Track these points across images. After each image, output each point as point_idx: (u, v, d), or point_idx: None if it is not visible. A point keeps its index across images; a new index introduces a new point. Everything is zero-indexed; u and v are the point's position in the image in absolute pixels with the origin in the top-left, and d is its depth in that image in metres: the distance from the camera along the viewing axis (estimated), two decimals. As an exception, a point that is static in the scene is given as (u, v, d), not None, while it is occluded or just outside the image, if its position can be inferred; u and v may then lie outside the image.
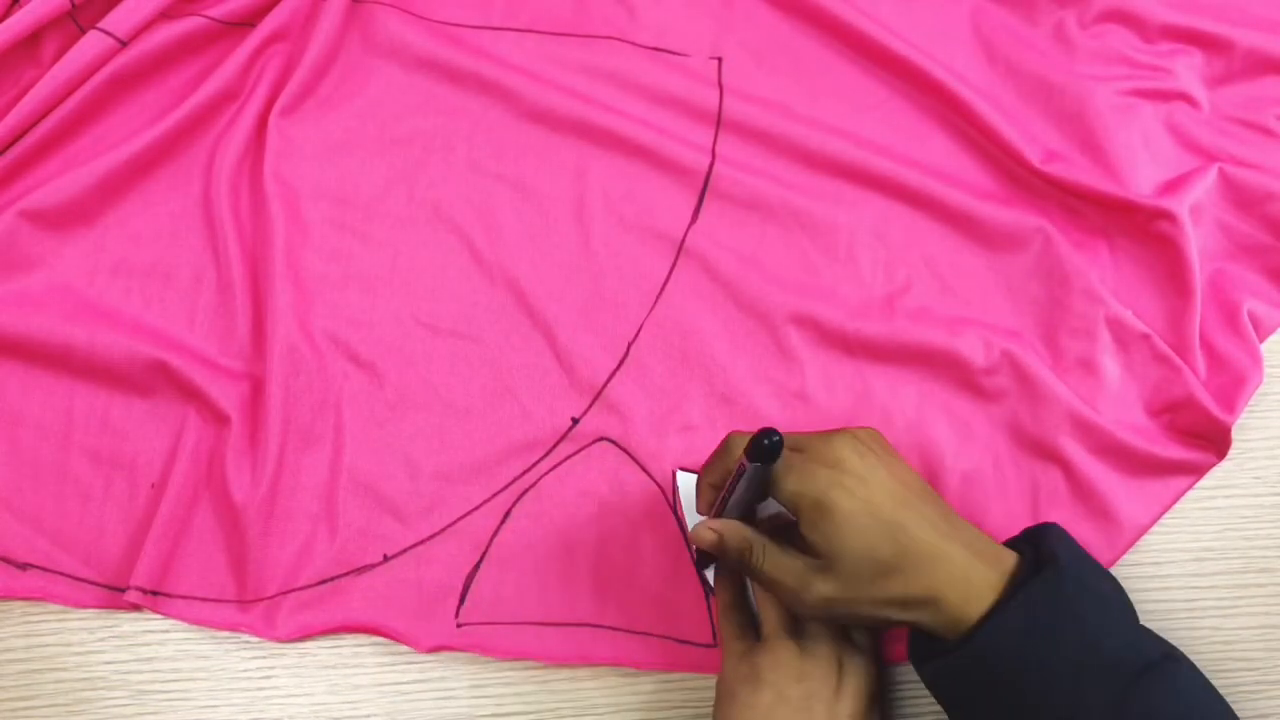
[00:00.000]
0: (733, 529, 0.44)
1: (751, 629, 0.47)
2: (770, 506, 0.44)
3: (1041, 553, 0.42)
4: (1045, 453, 0.52)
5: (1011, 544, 0.44)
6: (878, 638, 0.48)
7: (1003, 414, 0.52)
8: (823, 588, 0.41)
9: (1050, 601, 0.39)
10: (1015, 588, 0.40)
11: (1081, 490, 0.51)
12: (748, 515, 0.45)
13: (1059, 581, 0.40)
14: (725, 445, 0.45)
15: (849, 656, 0.45)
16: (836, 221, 0.54)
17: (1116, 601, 0.42)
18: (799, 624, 0.46)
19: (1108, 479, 0.52)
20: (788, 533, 0.44)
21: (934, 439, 0.52)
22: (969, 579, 0.40)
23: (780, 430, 0.40)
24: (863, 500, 0.41)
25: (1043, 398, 0.51)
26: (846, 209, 0.54)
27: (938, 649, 0.42)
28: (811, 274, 0.54)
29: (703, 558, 0.49)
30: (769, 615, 0.46)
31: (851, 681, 0.44)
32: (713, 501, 0.45)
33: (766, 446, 0.39)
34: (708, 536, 0.44)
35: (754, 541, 0.43)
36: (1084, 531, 0.51)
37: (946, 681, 0.42)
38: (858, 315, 0.53)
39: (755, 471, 0.41)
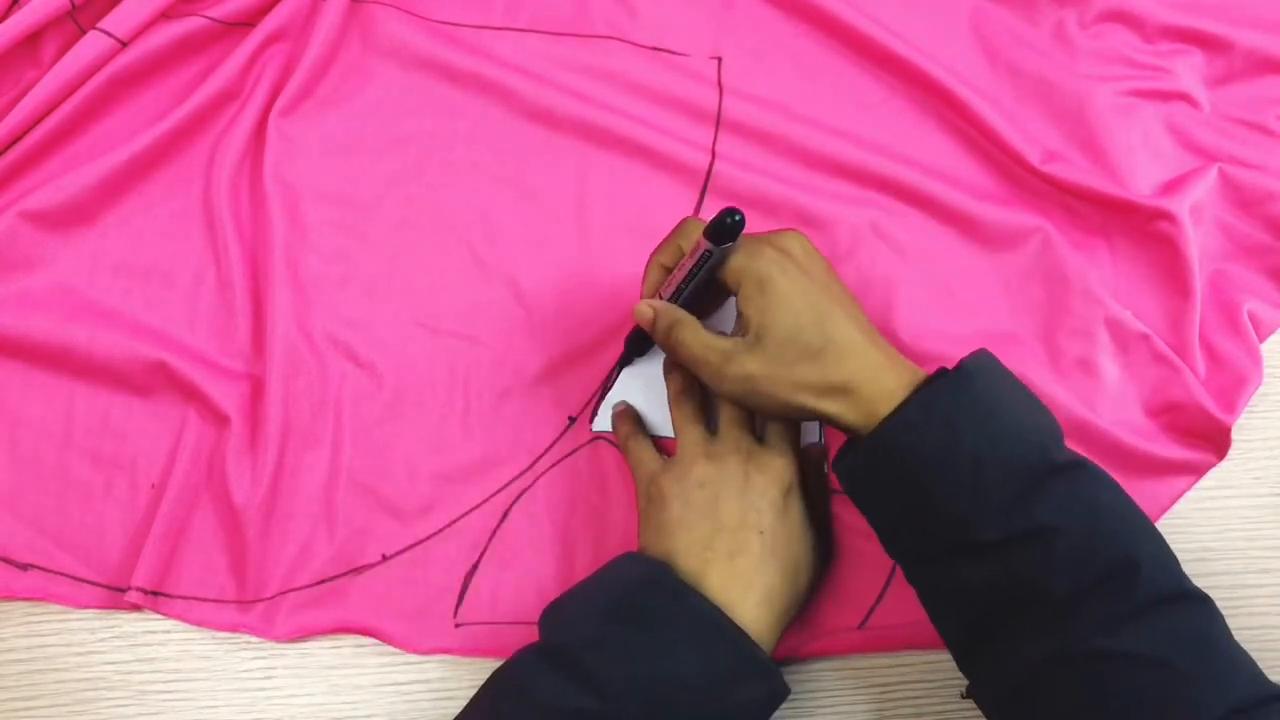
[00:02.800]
0: (666, 307, 0.46)
1: (704, 415, 0.48)
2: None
3: (956, 366, 0.43)
4: (1044, 453, 0.52)
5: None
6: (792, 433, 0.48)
7: (1002, 414, 0.52)
8: (748, 364, 0.43)
9: (951, 399, 0.41)
10: (920, 390, 0.42)
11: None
12: (689, 306, 0.47)
13: (961, 382, 0.41)
14: (681, 227, 0.47)
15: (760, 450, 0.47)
16: (837, 220, 0.54)
17: (1031, 413, 0.42)
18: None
19: (1107, 479, 0.52)
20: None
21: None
22: (883, 377, 0.42)
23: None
24: (801, 285, 0.43)
25: (1040, 399, 0.51)
26: (847, 208, 0.54)
27: (850, 448, 0.43)
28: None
29: (630, 347, 0.51)
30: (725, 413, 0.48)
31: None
32: (658, 283, 0.48)
33: (729, 225, 0.42)
34: (645, 313, 0.47)
35: (685, 319, 0.46)
36: (1083, 532, 0.51)
37: (857, 479, 0.43)
38: (857, 315, 0.54)
39: (713, 255, 0.43)
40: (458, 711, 0.43)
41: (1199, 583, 0.52)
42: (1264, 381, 0.53)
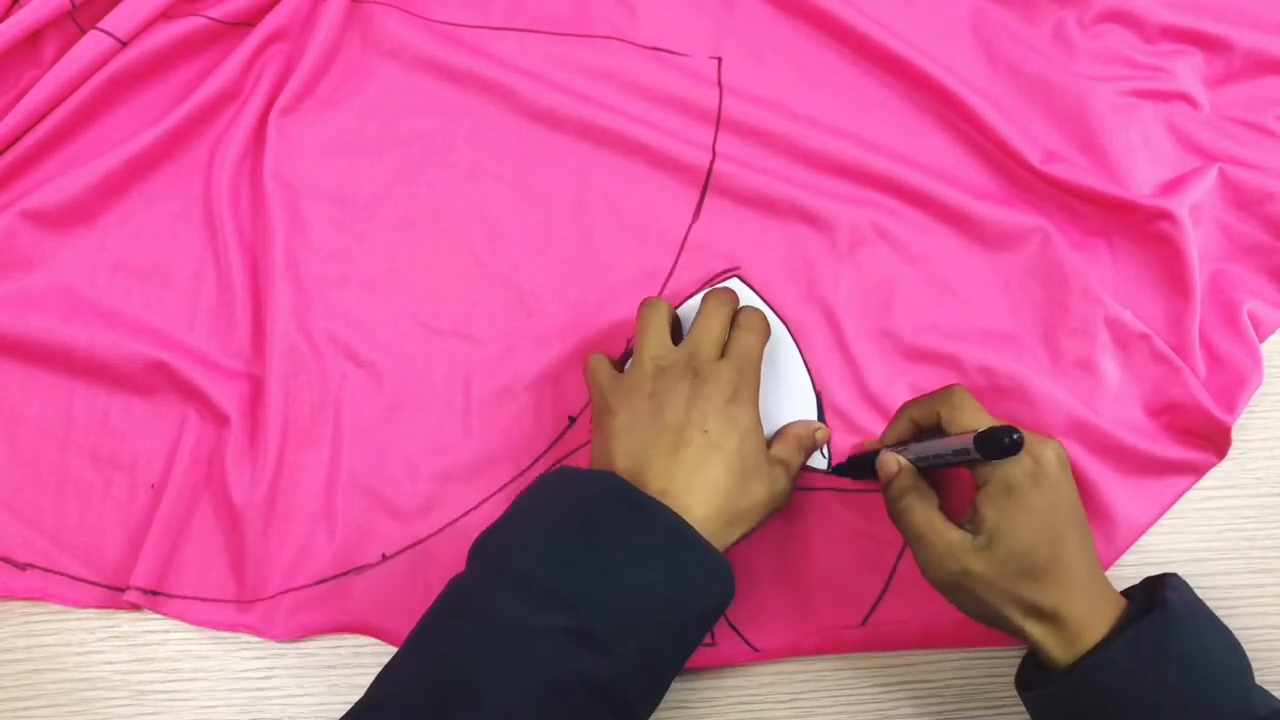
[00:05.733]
0: (910, 470, 0.46)
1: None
2: (947, 446, 0.44)
3: (1154, 597, 0.42)
4: (1045, 453, 0.52)
5: (1128, 591, 0.45)
6: None
7: (1001, 414, 0.52)
8: (971, 562, 0.43)
9: (1156, 642, 0.40)
10: (1123, 626, 0.41)
11: (1080, 490, 0.51)
12: (924, 459, 0.46)
13: (1168, 624, 0.41)
14: (947, 396, 0.46)
15: None
16: (838, 219, 0.54)
17: (1229, 653, 0.42)
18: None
19: (1107, 479, 0.52)
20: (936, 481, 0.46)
21: (934, 439, 0.52)
22: (1091, 609, 0.42)
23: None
24: (1048, 501, 0.42)
25: (1041, 398, 0.51)
26: (848, 207, 0.54)
27: (1044, 678, 0.43)
28: (814, 271, 0.54)
29: (850, 469, 0.51)
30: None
31: None
32: (902, 433, 0.48)
33: (1005, 445, 0.41)
34: (890, 466, 0.46)
35: (923, 492, 0.45)
36: (1084, 531, 0.51)
37: (1049, 710, 0.43)
38: (858, 313, 0.53)
39: (971, 455, 0.42)
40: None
41: (1198, 582, 0.52)
42: (1264, 381, 0.53)
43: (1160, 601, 0.42)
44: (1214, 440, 0.52)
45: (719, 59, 0.57)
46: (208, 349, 0.52)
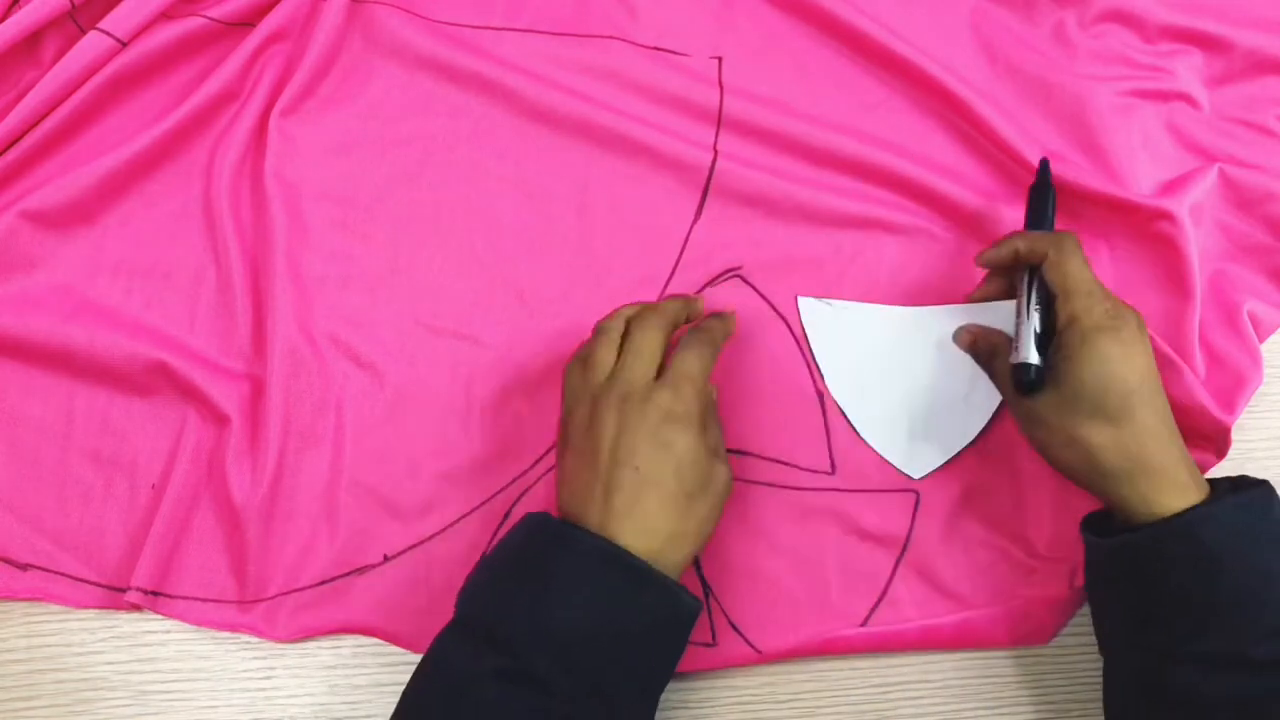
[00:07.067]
0: (984, 332, 0.50)
1: None
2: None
3: (1246, 482, 0.43)
4: (1045, 453, 0.52)
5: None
6: None
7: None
8: (1040, 405, 0.44)
9: (1265, 511, 0.41)
10: (1222, 494, 0.42)
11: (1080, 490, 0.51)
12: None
13: (1272, 497, 0.42)
14: (1057, 240, 0.46)
15: None
16: (840, 217, 0.54)
17: None
18: None
19: (1108, 479, 0.52)
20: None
21: (934, 439, 0.52)
22: (1172, 476, 0.42)
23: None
24: (1122, 352, 0.43)
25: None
26: (849, 205, 0.54)
27: (1123, 526, 0.43)
28: (816, 270, 0.54)
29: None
30: None
31: None
32: (1004, 259, 0.49)
33: (1024, 382, 0.45)
34: (964, 339, 0.50)
35: (1000, 349, 0.48)
36: (1084, 531, 0.51)
37: (1131, 557, 0.43)
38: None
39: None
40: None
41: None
42: (1264, 381, 0.53)
43: (1257, 484, 0.43)
44: (1214, 440, 0.52)
45: (719, 59, 0.57)
46: (208, 349, 0.52)
